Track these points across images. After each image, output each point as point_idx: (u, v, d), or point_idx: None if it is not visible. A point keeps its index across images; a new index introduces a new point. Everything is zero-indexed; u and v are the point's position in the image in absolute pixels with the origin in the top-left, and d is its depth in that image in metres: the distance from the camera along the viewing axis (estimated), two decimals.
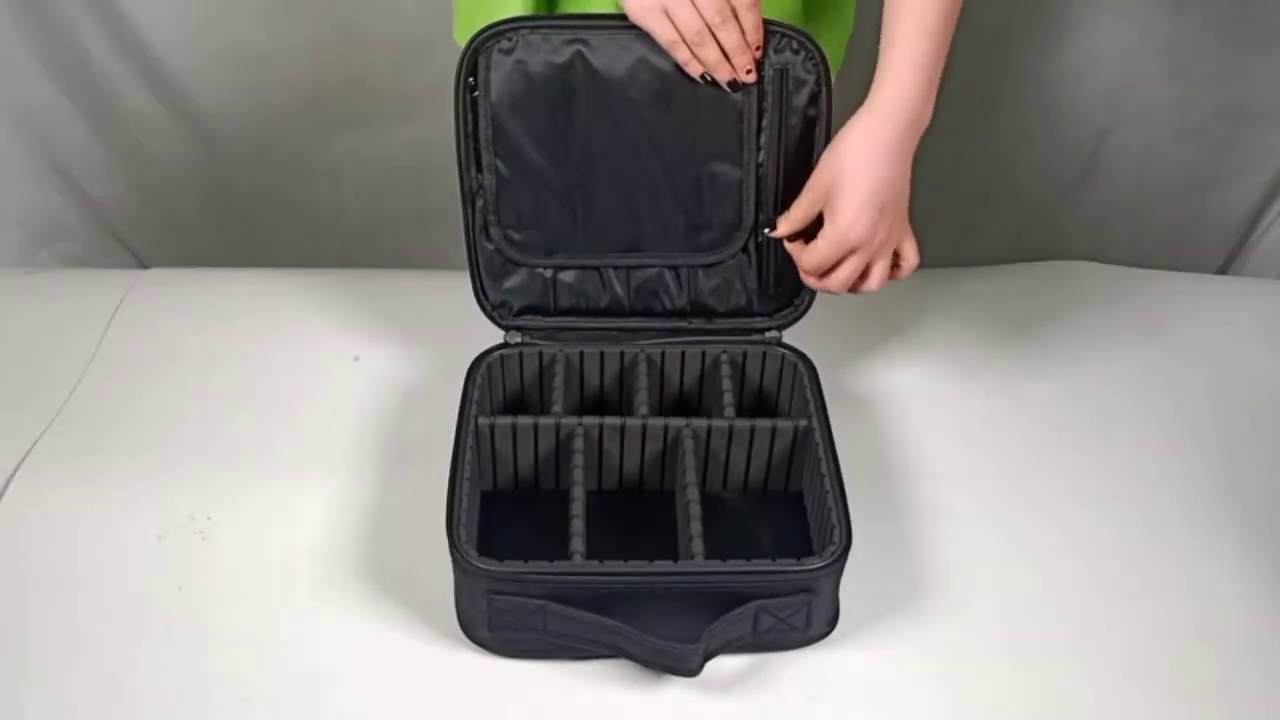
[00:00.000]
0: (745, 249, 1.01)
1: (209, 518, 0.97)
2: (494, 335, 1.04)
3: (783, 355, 1.03)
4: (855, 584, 0.89)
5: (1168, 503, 1.02)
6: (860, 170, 0.90)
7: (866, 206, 0.90)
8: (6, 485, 1.00)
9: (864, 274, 0.94)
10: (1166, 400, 1.12)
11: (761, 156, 0.98)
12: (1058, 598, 0.93)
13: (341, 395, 1.10)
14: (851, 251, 0.92)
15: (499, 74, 0.94)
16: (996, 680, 0.87)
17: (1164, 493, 1.03)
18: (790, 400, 1.03)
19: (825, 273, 0.94)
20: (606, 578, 0.83)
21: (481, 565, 0.82)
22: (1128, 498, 1.02)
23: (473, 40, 0.94)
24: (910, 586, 0.93)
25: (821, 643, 0.88)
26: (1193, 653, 0.89)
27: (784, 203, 0.98)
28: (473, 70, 0.95)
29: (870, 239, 0.91)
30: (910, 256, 0.96)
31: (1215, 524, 1.00)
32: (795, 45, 0.95)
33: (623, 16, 0.92)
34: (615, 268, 1.02)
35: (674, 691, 0.84)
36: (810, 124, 0.97)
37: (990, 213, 1.66)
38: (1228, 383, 1.14)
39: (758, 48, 0.92)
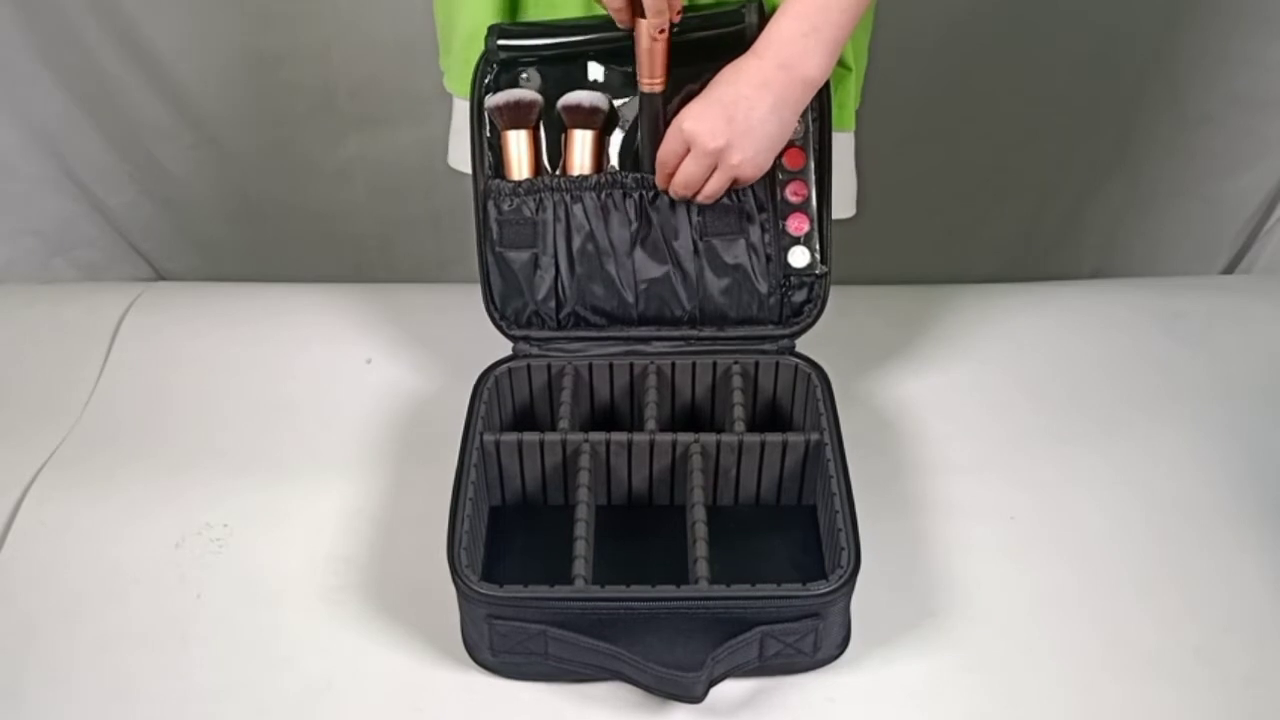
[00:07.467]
0: (752, 245, 0.99)
1: (225, 525, 0.98)
2: (506, 346, 1.03)
3: (795, 365, 1.01)
4: (869, 601, 0.87)
5: (1189, 498, 1.00)
6: (719, 80, 0.92)
7: (711, 106, 0.91)
8: (24, 495, 1.00)
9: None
10: (1186, 396, 1.11)
11: None
12: (1078, 605, 0.91)
13: (355, 403, 1.10)
14: (688, 148, 0.92)
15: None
16: (1018, 698, 0.85)
17: (1185, 488, 1.01)
18: (804, 412, 1.01)
19: (673, 173, 0.95)
20: (608, 603, 0.81)
21: (481, 590, 0.81)
22: (1149, 495, 1.01)
23: (487, 45, 0.96)
24: (925, 601, 0.91)
25: (832, 665, 0.86)
26: (1219, 646, 0.88)
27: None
28: (487, 74, 0.96)
29: (706, 139, 0.90)
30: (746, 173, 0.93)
31: (1238, 517, 0.98)
32: None
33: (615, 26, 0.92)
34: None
35: (680, 716, 0.83)
36: (812, 123, 0.97)
37: (1004, 206, 1.64)
38: (1247, 376, 1.12)
39: None
